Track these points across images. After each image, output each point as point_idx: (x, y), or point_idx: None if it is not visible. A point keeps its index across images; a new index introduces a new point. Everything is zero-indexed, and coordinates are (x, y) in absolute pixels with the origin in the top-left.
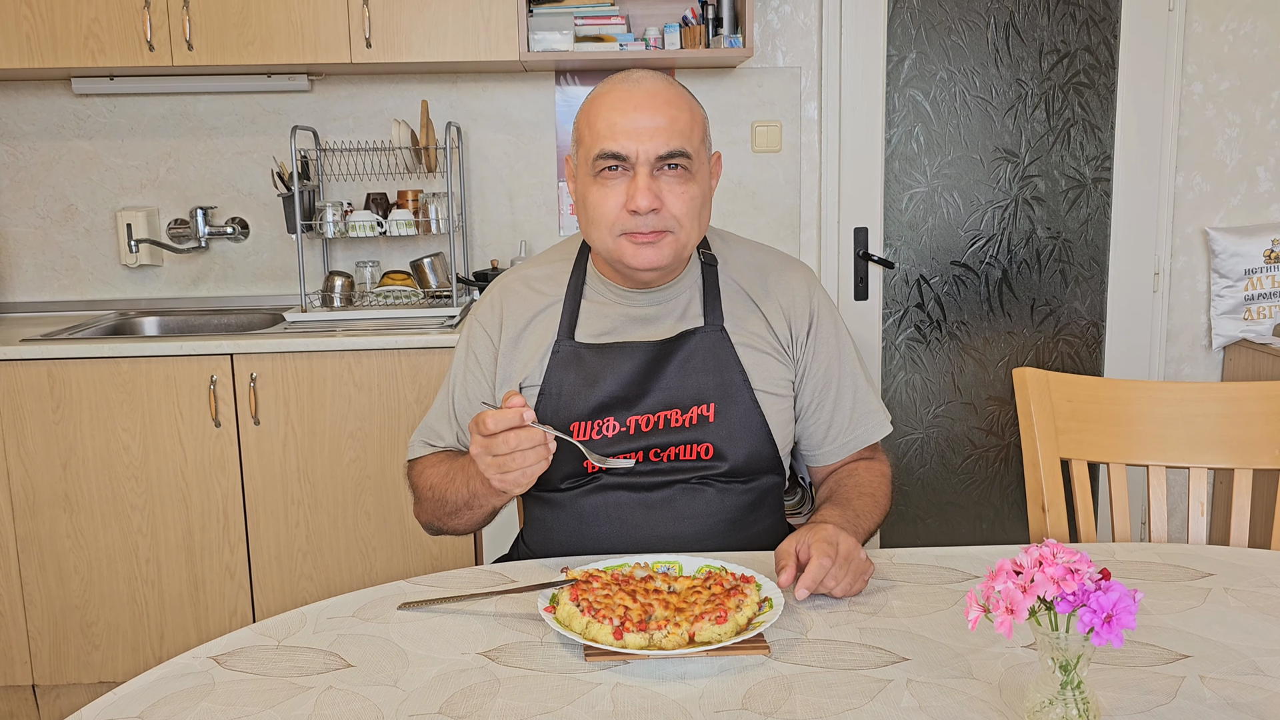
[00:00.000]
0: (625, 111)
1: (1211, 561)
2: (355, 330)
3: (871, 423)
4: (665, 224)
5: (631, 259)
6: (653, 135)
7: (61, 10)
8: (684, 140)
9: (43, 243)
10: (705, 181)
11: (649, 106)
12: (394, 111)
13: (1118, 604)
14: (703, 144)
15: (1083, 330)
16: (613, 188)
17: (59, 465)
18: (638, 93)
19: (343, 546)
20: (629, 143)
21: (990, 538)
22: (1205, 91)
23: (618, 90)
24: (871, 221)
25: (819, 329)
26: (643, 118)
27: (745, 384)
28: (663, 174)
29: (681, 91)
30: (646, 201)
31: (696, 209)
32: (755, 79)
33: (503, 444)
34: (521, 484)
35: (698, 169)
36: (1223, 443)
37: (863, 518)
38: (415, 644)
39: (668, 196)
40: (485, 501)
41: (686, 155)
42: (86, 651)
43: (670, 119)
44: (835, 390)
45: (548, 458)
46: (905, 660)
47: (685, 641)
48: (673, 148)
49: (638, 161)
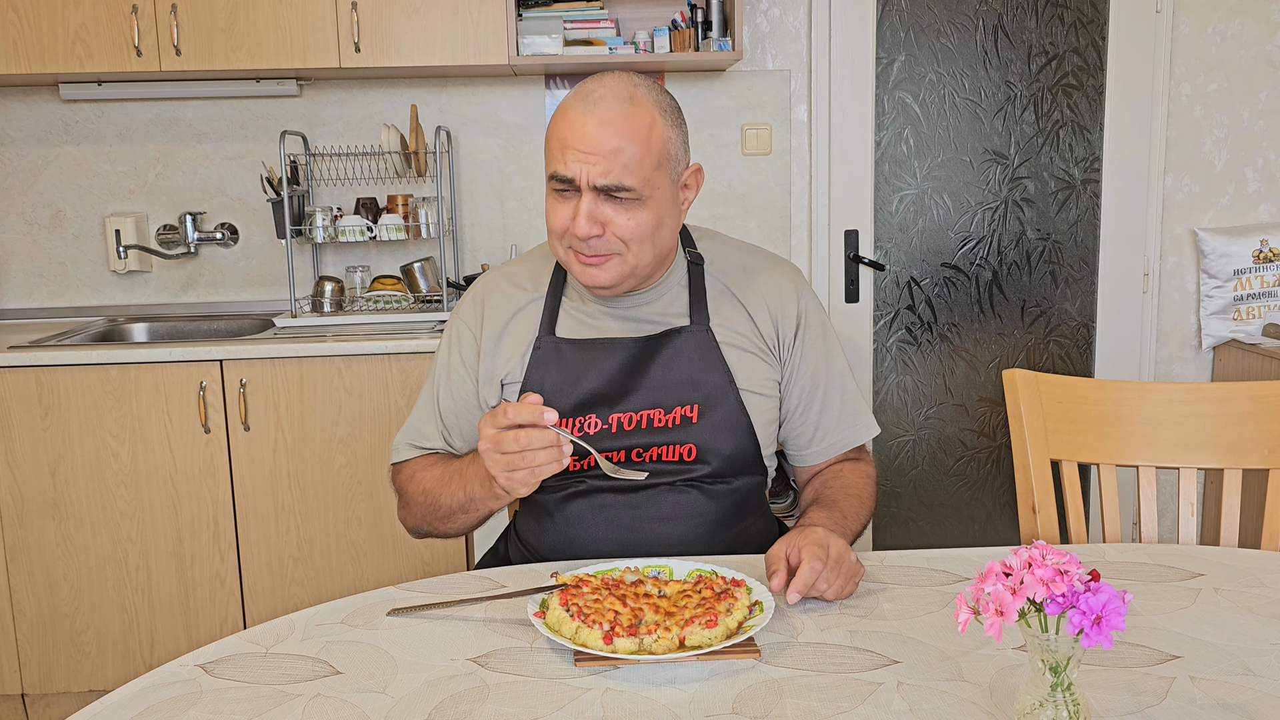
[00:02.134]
0: (575, 135)
1: (1202, 562)
2: (345, 335)
3: (859, 424)
4: (610, 247)
5: (580, 276)
6: (595, 163)
7: (49, 16)
8: (626, 173)
9: (31, 249)
10: (663, 203)
11: (598, 135)
12: (383, 116)
13: (1107, 605)
14: (658, 169)
15: (1073, 331)
16: (563, 204)
17: (48, 472)
18: (591, 118)
19: (334, 552)
20: (575, 165)
21: (982, 539)
22: (1193, 93)
23: (575, 110)
24: (862, 224)
25: (807, 330)
26: (590, 143)
27: (731, 385)
28: (608, 199)
29: (640, 115)
30: (585, 228)
31: (647, 232)
32: (745, 82)
33: (513, 442)
34: (529, 484)
35: (650, 194)
36: (1213, 443)
37: (850, 519)
38: (404, 650)
39: (614, 220)
40: (482, 505)
41: (627, 189)
42: (76, 660)
43: (615, 149)
44: (824, 391)
45: (560, 461)
46: (896, 663)
47: (676, 646)
48: (611, 181)
49: (581, 185)
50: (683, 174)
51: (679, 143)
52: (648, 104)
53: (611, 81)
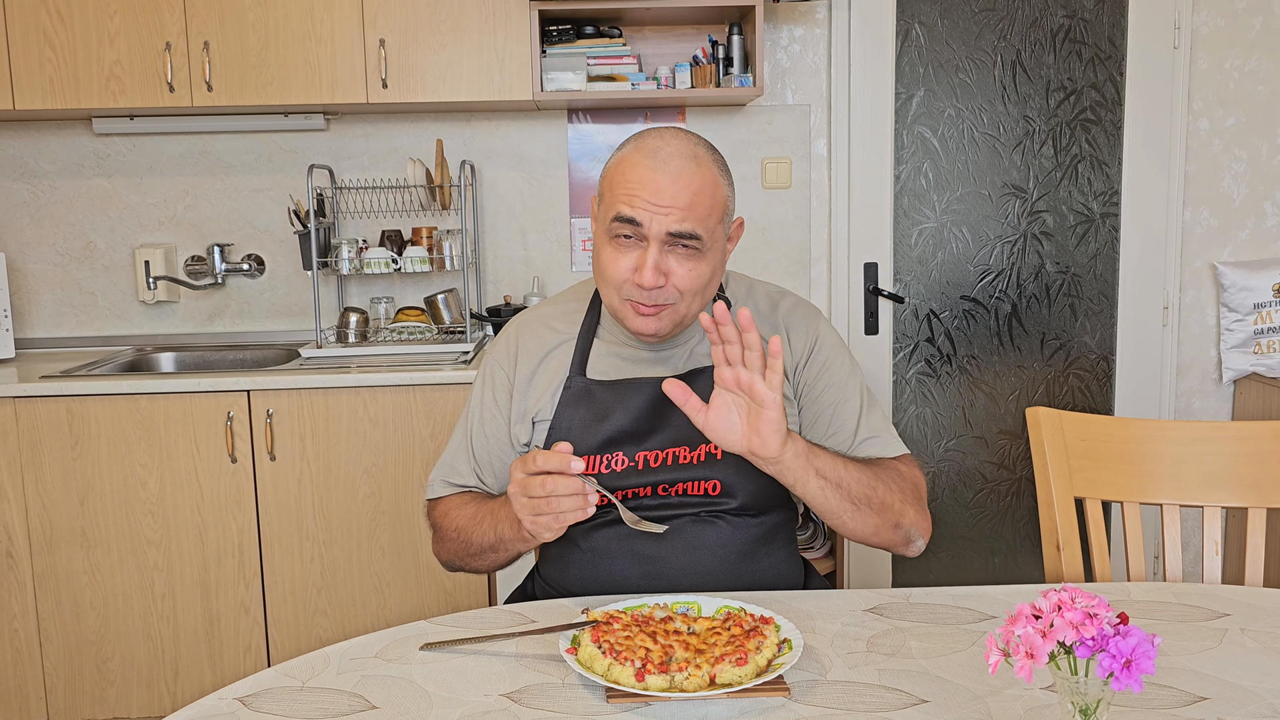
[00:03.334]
0: (648, 188)
1: (1227, 601)
2: (370, 366)
3: (874, 445)
4: (668, 298)
5: (632, 324)
6: (669, 212)
7: (84, 53)
8: (698, 224)
9: (62, 279)
10: (717, 256)
11: (671, 189)
12: (409, 149)
13: (1136, 649)
14: (720, 224)
15: (1093, 364)
16: (624, 253)
17: (77, 501)
18: (664, 174)
19: (357, 582)
20: (645, 214)
21: (1003, 572)
22: (1211, 127)
23: (644, 165)
24: (881, 256)
25: (819, 353)
26: (664, 195)
27: None
28: (673, 249)
29: (705, 173)
30: (652, 278)
31: (702, 285)
32: (765, 116)
33: (539, 487)
34: (554, 529)
35: (709, 248)
36: (1236, 481)
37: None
38: (438, 685)
39: (676, 271)
40: (512, 547)
41: (697, 237)
42: (101, 687)
43: (689, 201)
44: (835, 416)
45: (585, 509)
46: (924, 702)
47: (706, 683)
48: (684, 229)
49: (649, 233)
50: (731, 227)
51: (732, 198)
52: (709, 162)
53: (674, 140)
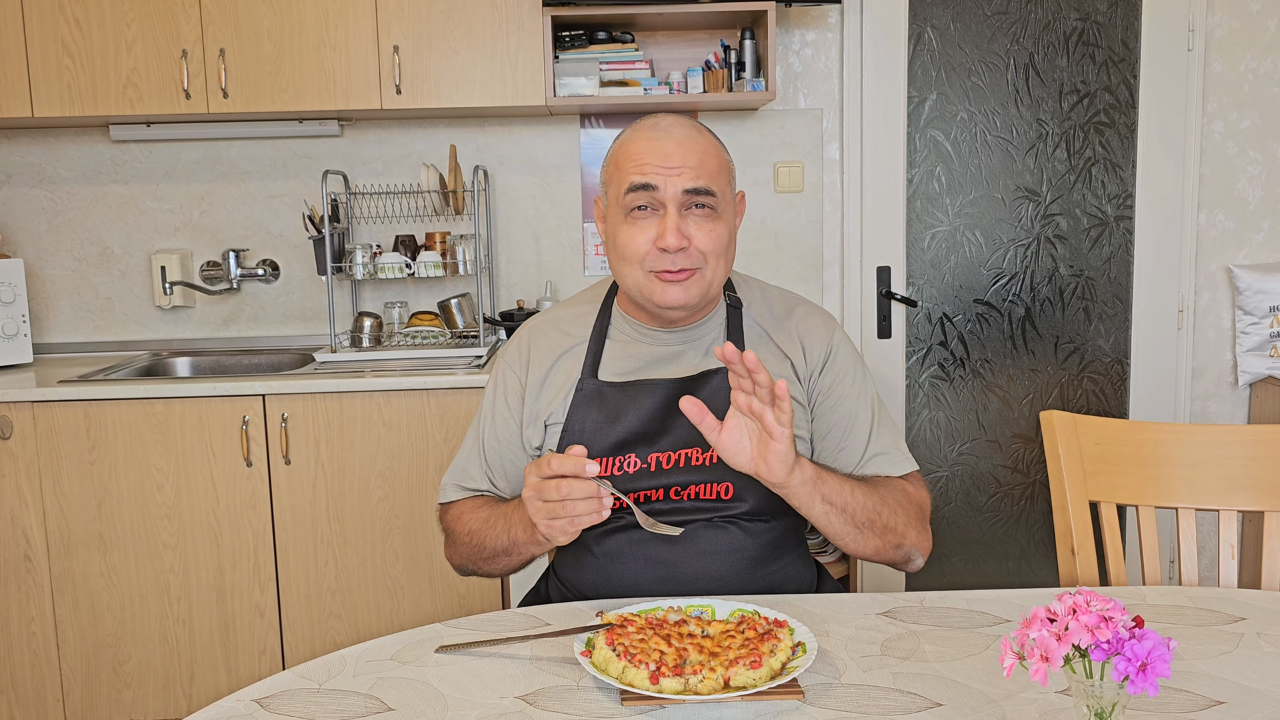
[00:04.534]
0: (655, 152)
1: (1243, 605)
2: (384, 370)
3: (882, 462)
4: (693, 261)
5: (660, 296)
6: (681, 171)
7: (102, 61)
8: (711, 179)
9: (79, 285)
10: (731, 221)
11: (679, 150)
12: (422, 155)
13: (1152, 652)
14: (729, 185)
15: (1107, 368)
16: (643, 226)
17: (94, 505)
18: (668, 139)
19: (371, 586)
20: (658, 177)
21: (1017, 576)
22: (1226, 130)
23: (647, 136)
24: (894, 260)
25: (834, 364)
26: (674, 157)
27: None
28: (690, 213)
29: (709, 136)
30: (675, 239)
31: (723, 247)
32: (777, 120)
33: (554, 491)
34: (568, 533)
35: (724, 209)
36: (1252, 485)
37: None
38: (454, 688)
39: (696, 234)
40: (525, 550)
41: (712, 194)
42: (118, 690)
43: (699, 160)
44: (845, 428)
45: (600, 513)
46: (939, 706)
47: (720, 686)
48: (700, 184)
49: (666, 197)
50: (735, 196)
51: (732, 167)
52: (707, 131)
53: (669, 115)
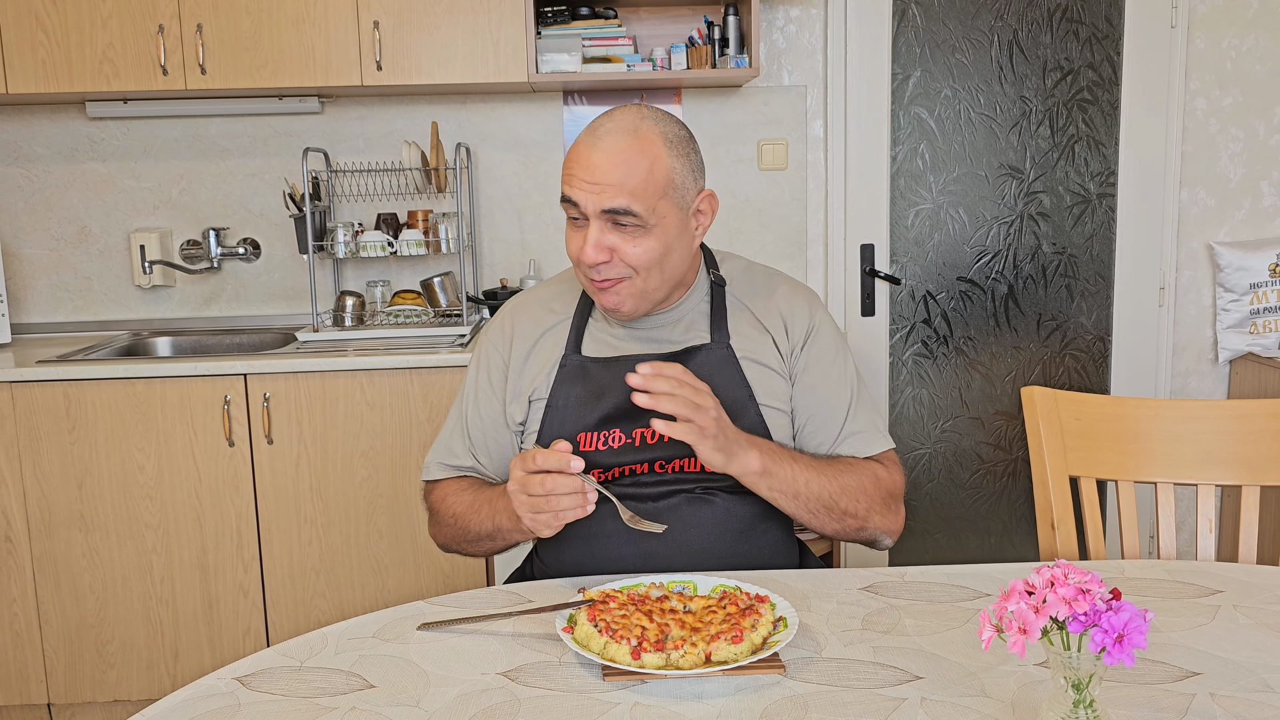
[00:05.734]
0: (582, 166)
1: (1220, 578)
2: (366, 350)
3: (858, 441)
4: (619, 272)
5: (597, 300)
6: (600, 190)
7: (77, 36)
8: (632, 199)
9: (57, 264)
10: (670, 231)
11: (602, 166)
12: (404, 132)
13: (1129, 624)
14: (664, 197)
15: (1089, 345)
16: (576, 233)
17: (74, 485)
18: (596, 150)
19: (355, 565)
20: (580, 193)
21: (999, 552)
22: (1208, 107)
23: (583, 144)
24: (878, 238)
25: (815, 342)
26: (597, 172)
27: (751, 399)
28: (616, 226)
29: (643, 147)
30: (592, 255)
31: (654, 259)
32: (761, 98)
33: (539, 485)
34: (553, 527)
35: (656, 223)
36: (1231, 460)
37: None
38: (436, 664)
39: (621, 248)
40: (509, 537)
41: (633, 214)
42: (101, 670)
43: (621, 178)
44: (823, 408)
45: (584, 508)
46: (919, 679)
47: (702, 661)
48: (617, 204)
49: (588, 212)
50: (694, 201)
51: (686, 171)
52: (652, 136)
53: (620, 116)
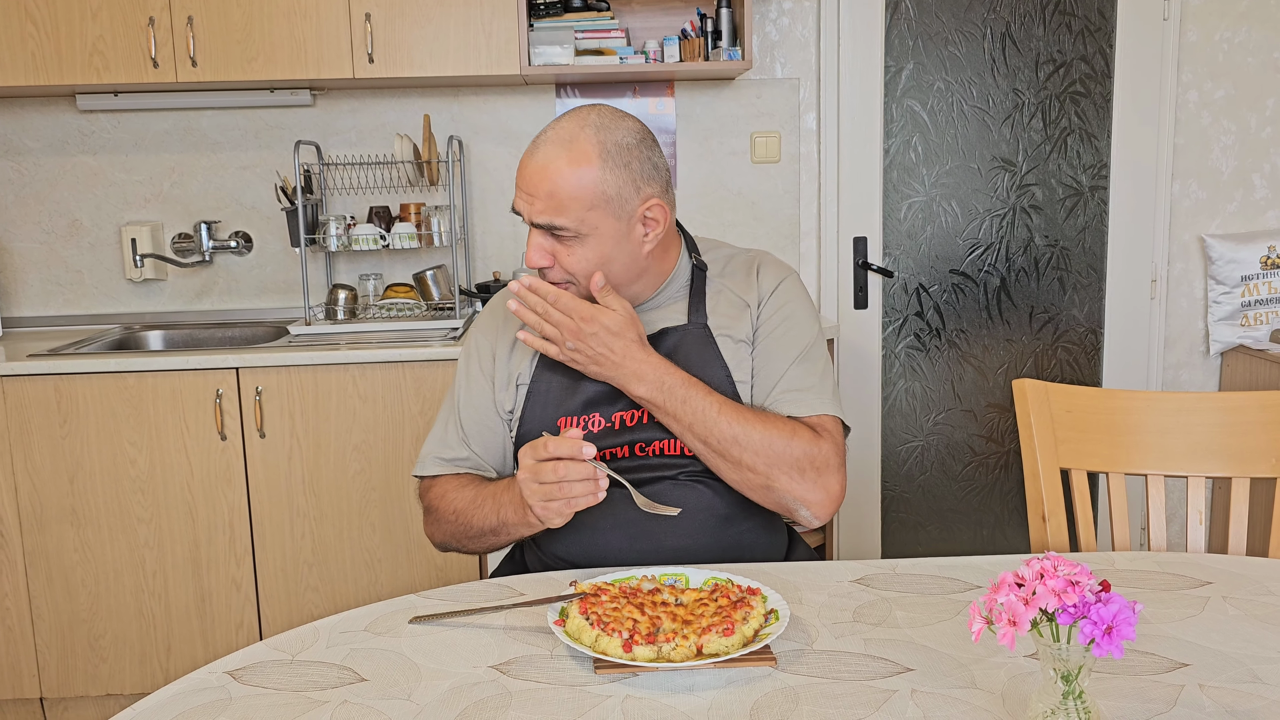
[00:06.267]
0: (522, 175)
1: (1210, 570)
2: (359, 343)
3: (791, 400)
4: (561, 277)
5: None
6: (531, 201)
7: (67, 28)
8: (558, 213)
9: (48, 258)
10: (606, 241)
11: (533, 178)
12: (396, 125)
13: (1118, 616)
14: (594, 209)
15: (1081, 337)
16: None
17: (66, 479)
18: (532, 160)
19: (348, 558)
20: (520, 203)
21: (991, 544)
22: (1200, 100)
23: (529, 148)
24: (870, 231)
25: (772, 301)
26: (528, 184)
27: (728, 379)
28: (551, 235)
29: (579, 156)
30: (534, 258)
31: (591, 267)
32: (754, 90)
33: (551, 473)
34: (565, 515)
35: (588, 233)
36: (1221, 452)
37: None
38: (427, 658)
39: (559, 254)
40: (514, 531)
41: (559, 228)
42: (94, 664)
43: (549, 191)
44: (765, 363)
45: (596, 494)
46: (910, 671)
47: (693, 654)
48: (543, 219)
49: (527, 220)
50: (638, 209)
51: (625, 182)
52: (587, 148)
53: (563, 124)
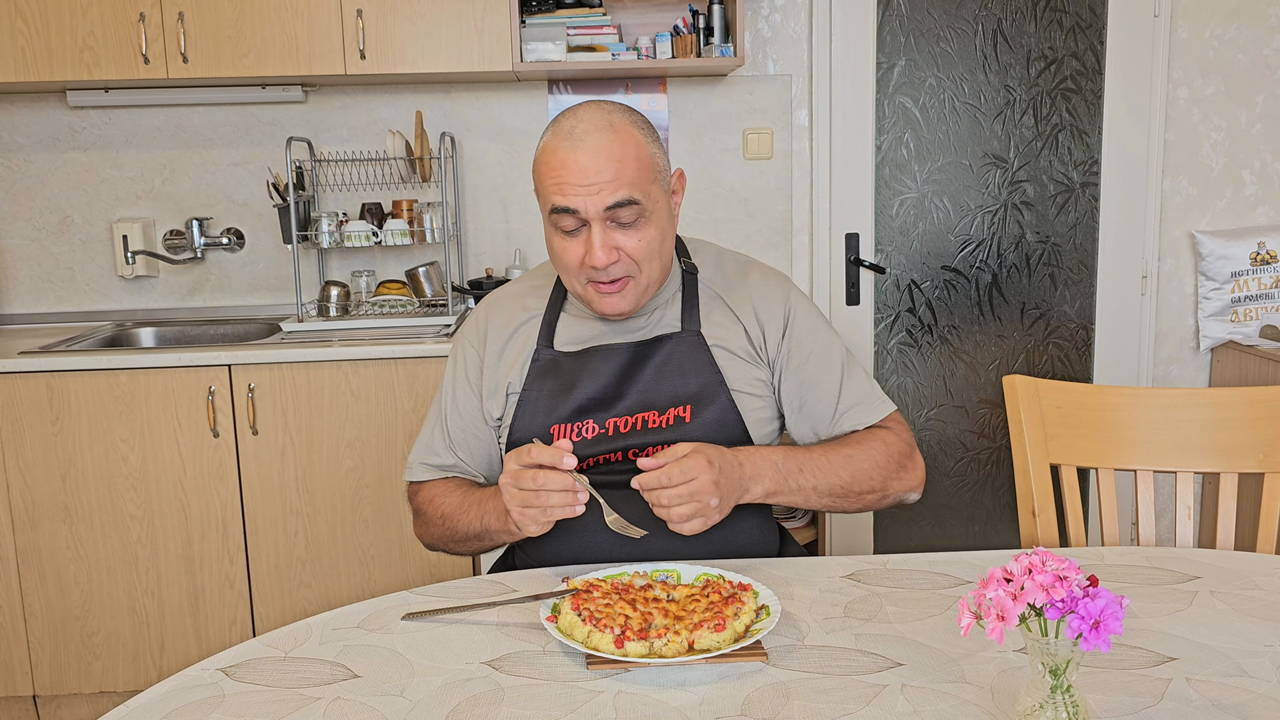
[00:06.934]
0: (570, 171)
1: (1198, 565)
2: (352, 340)
3: (856, 413)
4: (626, 270)
5: (598, 306)
6: (599, 189)
7: (57, 24)
8: (632, 187)
9: (39, 254)
10: (663, 216)
11: (592, 166)
12: (388, 121)
13: (1105, 610)
14: (654, 182)
15: (1072, 333)
16: (573, 241)
17: (58, 477)
18: (581, 152)
19: (341, 555)
20: (578, 199)
21: (983, 539)
22: (1191, 96)
23: (562, 149)
24: (863, 227)
25: (794, 329)
26: (589, 173)
27: (721, 384)
28: (616, 224)
29: (627, 135)
30: (603, 258)
31: (655, 249)
32: (746, 86)
33: (530, 480)
34: (540, 523)
35: (653, 208)
36: (1210, 447)
37: (810, 468)
38: (420, 654)
39: (625, 244)
40: (496, 538)
41: (636, 202)
42: (87, 662)
43: (616, 171)
44: (815, 388)
45: (574, 506)
46: (900, 665)
47: (685, 649)
48: (620, 197)
49: (589, 216)
50: (671, 178)
51: (662, 155)
52: (626, 126)
53: (588, 115)
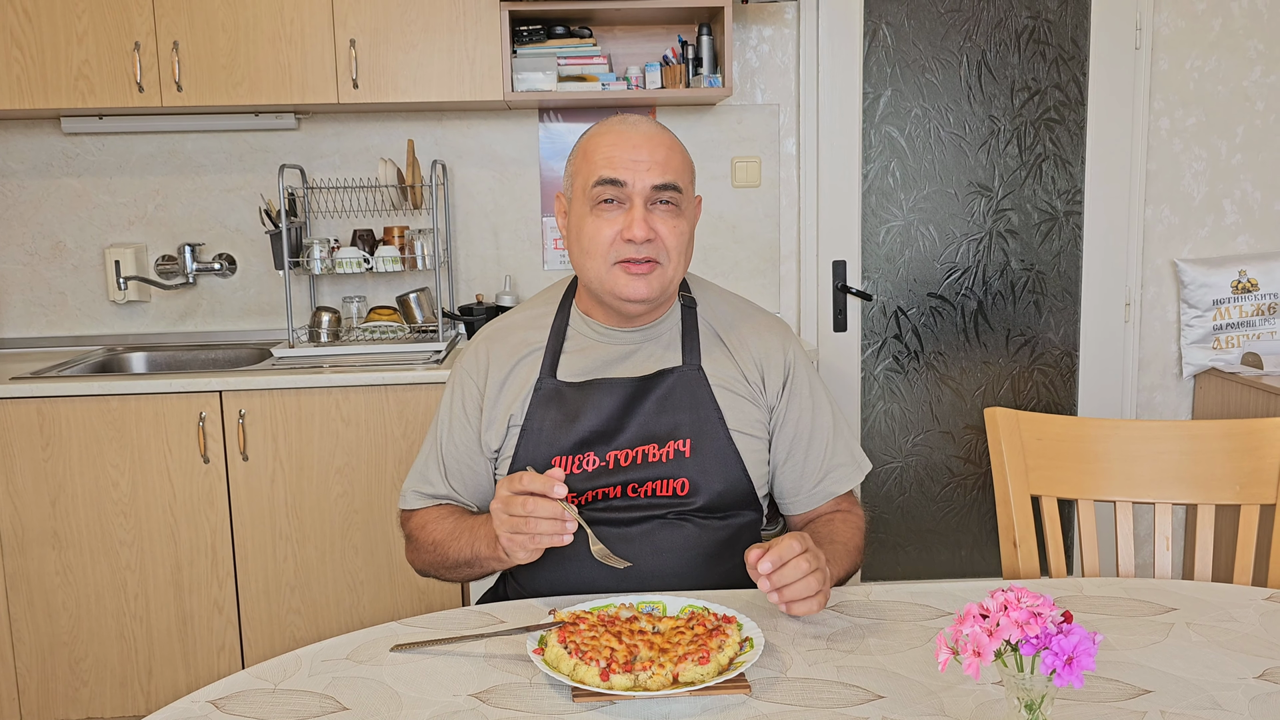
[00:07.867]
0: (624, 147)
1: (1175, 596)
2: (342, 366)
3: (840, 475)
4: (657, 254)
5: (624, 289)
6: (649, 167)
7: (52, 52)
8: (677, 175)
9: (31, 279)
10: (691, 217)
11: (647, 145)
12: (380, 149)
13: (1078, 647)
14: (690, 185)
15: (1057, 360)
16: (609, 219)
17: (48, 502)
18: (637, 133)
19: (331, 581)
20: (627, 172)
21: (969, 564)
22: (1172, 127)
23: (616, 131)
24: (849, 254)
25: (794, 384)
26: (641, 152)
27: (720, 422)
28: (655, 208)
29: (673, 136)
30: (642, 231)
31: (684, 243)
32: (735, 116)
33: (520, 506)
34: (529, 549)
35: (686, 206)
36: (1187, 479)
37: (832, 562)
38: (408, 686)
39: (661, 228)
40: (487, 565)
41: (678, 189)
42: (74, 688)
43: (665, 156)
44: (806, 445)
45: (562, 535)
46: (881, 698)
47: (670, 682)
48: (667, 179)
49: (634, 191)
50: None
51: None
52: (672, 133)
53: (635, 115)
